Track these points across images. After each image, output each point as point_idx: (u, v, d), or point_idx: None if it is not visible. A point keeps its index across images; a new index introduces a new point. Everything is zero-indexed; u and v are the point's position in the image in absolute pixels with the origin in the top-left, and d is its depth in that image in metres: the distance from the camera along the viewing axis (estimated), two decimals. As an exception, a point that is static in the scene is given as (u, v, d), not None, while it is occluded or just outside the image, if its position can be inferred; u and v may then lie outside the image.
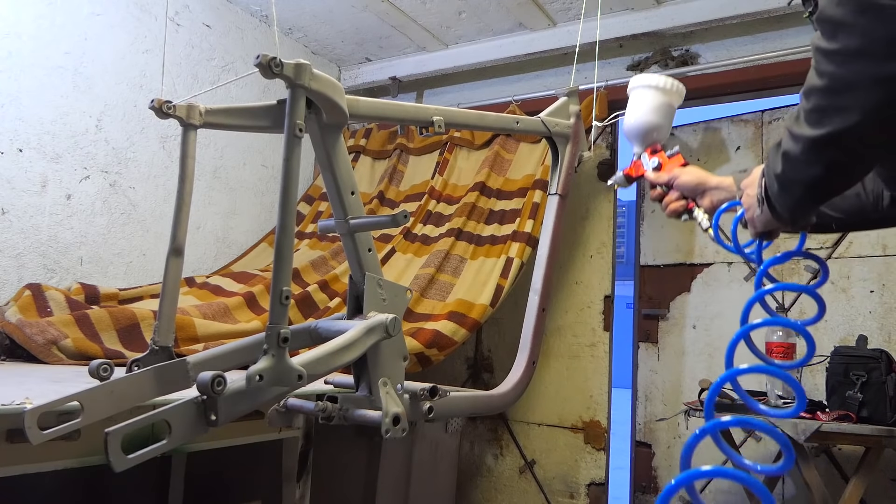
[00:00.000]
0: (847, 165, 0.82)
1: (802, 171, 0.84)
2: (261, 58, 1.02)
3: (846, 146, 0.79)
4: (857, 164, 0.83)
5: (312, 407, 1.16)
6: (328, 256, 2.90)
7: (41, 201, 2.35)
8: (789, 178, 0.87)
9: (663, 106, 1.36)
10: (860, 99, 0.74)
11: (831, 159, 0.81)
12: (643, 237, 3.16)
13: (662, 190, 1.30)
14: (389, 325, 1.15)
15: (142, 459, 0.89)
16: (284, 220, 1.02)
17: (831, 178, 0.84)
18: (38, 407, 0.98)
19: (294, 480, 1.91)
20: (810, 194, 0.88)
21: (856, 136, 0.77)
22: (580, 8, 2.66)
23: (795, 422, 1.97)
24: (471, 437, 3.11)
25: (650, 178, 1.34)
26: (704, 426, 0.69)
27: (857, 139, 0.77)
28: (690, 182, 1.25)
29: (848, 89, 0.74)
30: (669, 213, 1.28)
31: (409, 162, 3.26)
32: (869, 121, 0.75)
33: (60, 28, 2.41)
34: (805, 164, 0.83)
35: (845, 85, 0.75)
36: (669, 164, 1.32)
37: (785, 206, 0.92)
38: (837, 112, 0.76)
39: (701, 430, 0.68)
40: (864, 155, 0.82)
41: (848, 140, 0.78)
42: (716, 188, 1.21)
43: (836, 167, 0.82)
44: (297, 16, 3.05)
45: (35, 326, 1.94)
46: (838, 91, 0.75)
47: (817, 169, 0.82)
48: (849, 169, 0.83)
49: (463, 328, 2.37)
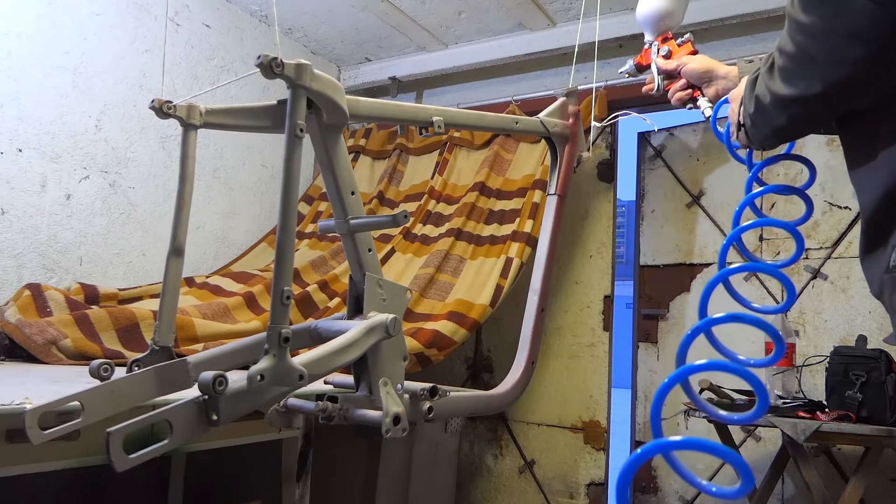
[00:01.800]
0: (809, 122, 0.90)
1: (770, 118, 0.90)
2: (262, 58, 1.02)
3: (809, 108, 0.84)
4: (819, 122, 0.92)
5: (312, 407, 1.16)
6: (328, 256, 2.90)
7: (41, 201, 2.35)
8: (758, 120, 0.92)
9: None
10: (821, 73, 0.79)
11: (796, 115, 0.86)
12: (643, 237, 3.16)
13: (666, 80, 1.29)
14: (389, 325, 1.15)
15: (143, 459, 0.89)
16: (285, 219, 1.02)
17: (795, 128, 0.91)
18: (38, 407, 0.98)
19: (294, 480, 1.91)
20: (777, 136, 0.94)
21: (817, 102, 0.82)
22: (580, 8, 2.66)
23: (795, 422, 1.97)
24: (470, 437, 3.11)
25: (658, 65, 1.32)
26: (675, 373, 0.69)
27: (818, 105, 0.83)
28: (697, 69, 1.24)
29: (811, 63, 0.79)
30: (675, 102, 1.27)
31: (408, 162, 3.26)
32: (829, 94, 0.80)
33: (60, 28, 2.41)
34: (772, 114, 0.89)
35: (809, 59, 0.79)
36: (679, 51, 1.30)
37: (756, 139, 0.97)
38: (802, 78, 0.81)
39: (671, 377, 0.68)
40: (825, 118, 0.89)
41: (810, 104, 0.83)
42: (723, 77, 1.20)
43: (799, 121, 0.88)
44: (296, 16, 3.05)
45: (35, 326, 1.93)
46: (803, 62, 0.80)
47: (782, 120, 0.88)
48: (811, 124, 0.92)
49: (462, 328, 2.37)
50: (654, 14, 1.34)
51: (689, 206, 3.02)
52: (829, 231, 2.63)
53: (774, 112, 0.87)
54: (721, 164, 2.96)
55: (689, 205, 3.02)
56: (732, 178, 2.92)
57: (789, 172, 2.74)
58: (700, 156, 3.03)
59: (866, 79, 0.77)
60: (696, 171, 3.02)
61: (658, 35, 1.33)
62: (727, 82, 1.19)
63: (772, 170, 2.80)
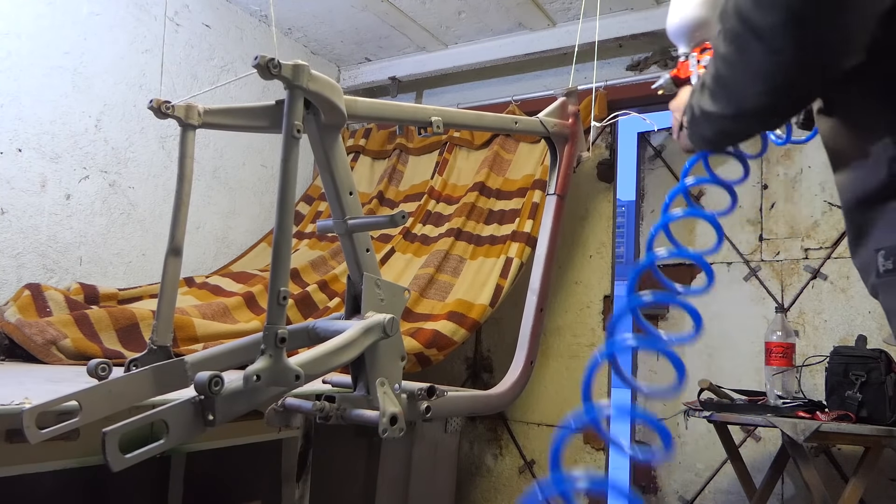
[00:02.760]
0: (732, 136, 0.97)
1: (700, 129, 0.95)
2: (259, 59, 1.02)
3: (728, 124, 0.89)
4: (741, 138, 0.97)
5: (310, 407, 1.16)
6: (328, 256, 2.90)
7: (40, 201, 2.35)
8: (692, 129, 0.98)
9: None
10: (734, 98, 0.84)
11: (718, 129, 0.92)
12: (643, 237, 3.16)
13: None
14: (387, 325, 1.16)
15: (139, 459, 0.89)
16: (282, 220, 1.02)
17: (721, 140, 0.98)
18: (36, 406, 0.98)
19: (293, 480, 1.91)
20: (708, 144, 1.02)
21: (733, 121, 0.88)
22: (579, 8, 2.66)
23: (795, 422, 1.97)
24: (470, 436, 3.11)
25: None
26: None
27: (735, 123, 0.89)
28: None
29: (726, 87, 0.84)
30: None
31: (408, 162, 3.26)
32: (742, 116, 0.85)
33: (60, 28, 2.41)
34: (702, 125, 0.94)
35: (724, 84, 0.84)
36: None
37: (693, 143, 1.04)
38: (720, 99, 0.86)
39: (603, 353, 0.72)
40: (746, 135, 0.94)
41: (728, 122, 0.88)
42: None
43: (723, 135, 0.95)
44: (296, 16, 3.05)
45: (34, 326, 1.94)
46: (722, 85, 0.84)
47: (709, 132, 0.94)
48: (735, 138, 0.98)
49: (462, 328, 2.37)
50: (687, 25, 1.25)
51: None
52: (828, 231, 2.63)
53: (703, 124, 0.93)
54: (720, 165, 2.96)
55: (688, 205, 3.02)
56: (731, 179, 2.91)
57: (789, 172, 2.74)
58: (700, 156, 3.03)
59: (771, 110, 0.83)
60: (695, 171, 3.02)
61: (694, 47, 1.27)
62: None
63: (771, 170, 2.80)
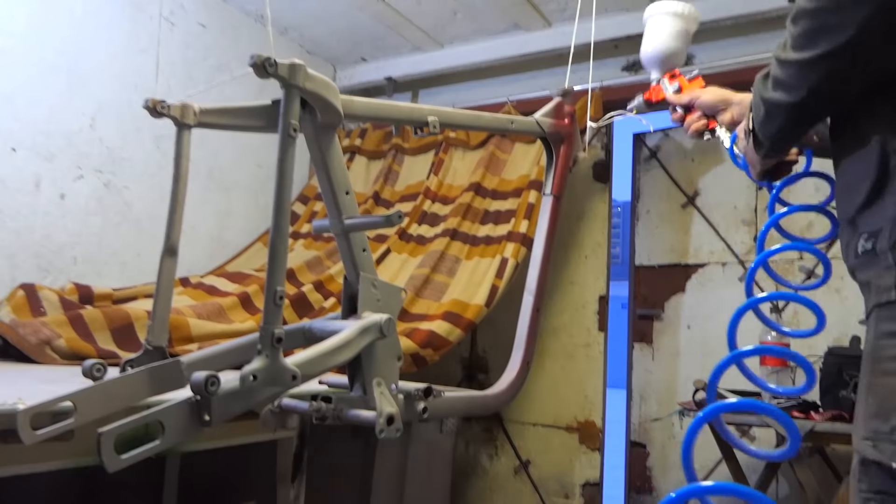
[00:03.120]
0: (832, 89, 0.86)
1: (788, 94, 0.87)
2: (255, 58, 1.02)
3: (834, 68, 0.82)
4: (844, 87, 0.85)
5: (306, 407, 1.16)
6: (323, 256, 2.89)
7: (35, 201, 2.34)
8: (774, 102, 0.90)
9: (681, 32, 1.41)
10: (851, 15, 0.76)
11: (816, 82, 0.84)
12: (638, 237, 3.16)
13: (682, 112, 1.33)
14: (384, 325, 1.15)
15: (135, 460, 0.88)
16: (278, 220, 1.02)
17: (815, 102, 0.88)
18: (30, 407, 0.97)
19: (289, 481, 1.91)
20: (793, 118, 0.92)
21: (846, 55, 0.80)
22: (575, 9, 2.66)
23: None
24: (466, 437, 3.10)
25: (671, 100, 1.36)
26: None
27: (847, 59, 0.80)
28: (712, 100, 1.26)
29: (839, 7, 0.77)
30: (692, 133, 1.30)
31: (404, 162, 3.26)
32: (861, 37, 0.77)
33: (54, 27, 2.40)
34: (790, 88, 0.87)
35: (836, 3, 0.78)
36: (690, 86, 1.35)
37: (767, 134, 0.96)
38: (827, 32, 0.79)
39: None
40: (851, 77, 0.83)
41: (836, 61, 0.81)
42: (737, 104, 1.22)
43: (820, 90, 0.85)
44: (292, 15, 3.05)
45: (28, 326, 1.93)
46: (829, 10, 0.78)
47: (801, 92, 0.86)
48: (834, 93, 0.86)
49: (458, 328, 2.37)
50: (660, 55, 1.42)
51: (685, 206, 3.02)
52: (823, 232, 2.63)
53: (793, 86, 0.87)
54: (716, 165, 2.97)
55: (684, 205, 3.03)
56: (727, 179, 2.92)
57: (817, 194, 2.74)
58: (695, 157, 3.04)
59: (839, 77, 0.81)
60: (691, 172, 3.03)
61: (665, 73, 1.40)
62: (741, 108, 1.20)
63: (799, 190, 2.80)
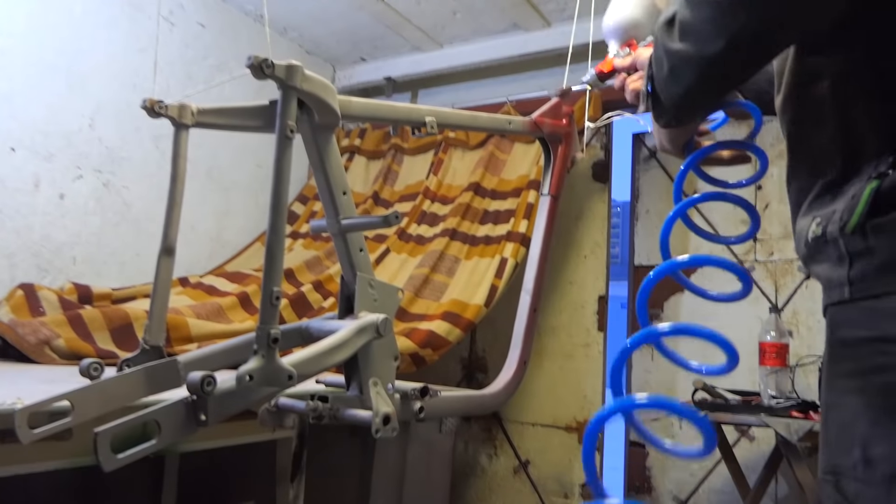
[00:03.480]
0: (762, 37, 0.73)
1: (700, 45, 0.75)
2: (252, 59, 1.02)
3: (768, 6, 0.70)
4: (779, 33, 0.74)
5: (303, 406, 1.16)
6: (322, 256, 2.90)
7: (34, 201, 2.35)
8: (681, 55, 0.78)
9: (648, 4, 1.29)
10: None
11: (738, 28, 0.71)
12: (637, 237, 3.16)
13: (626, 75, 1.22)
14: (380, 325, 1.15)
15: (131, 459, 0.88)
16: (275, 220, 1.02)
17: (736, 56, 0.75)
18: (28, 406, 0.97)
19: (288, 481, 1.91)
20: (706, 77, 0.79)
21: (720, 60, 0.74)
22: (574, 9, 2.66)
23: (788, 421, 1.97)
24: (465, 437, 3.11)
25: (616, 65, 1.25)
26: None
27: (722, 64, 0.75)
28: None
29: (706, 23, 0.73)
30: (630, 96, 1.16)
31: (403, 162, 3.26)
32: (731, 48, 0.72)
33: (53, 26, 2.40)
34: (704, 37, 0.74)
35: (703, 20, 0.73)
36: (640, 50, 1.22)
37: (671, 97, 0.85)
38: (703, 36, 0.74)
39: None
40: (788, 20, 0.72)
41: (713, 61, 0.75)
42: None
43: (744, 40, 0.72)
44: (291, 15, 3.05)
45: (27, 326, 1.93)
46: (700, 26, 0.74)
47: (719, 42, 0.73)
48: (765, 43, 0.74)
49: (457, 328, 2.37)
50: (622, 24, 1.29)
51: (684, 206, 3.02)
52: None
53: (711, 33, 0.74)
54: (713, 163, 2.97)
55: (683, 205, 3.03)
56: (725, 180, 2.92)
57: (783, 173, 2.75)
58: (694, 156, 3.03)
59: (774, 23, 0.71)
60: (690, 172, 3.02)
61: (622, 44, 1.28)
62: None
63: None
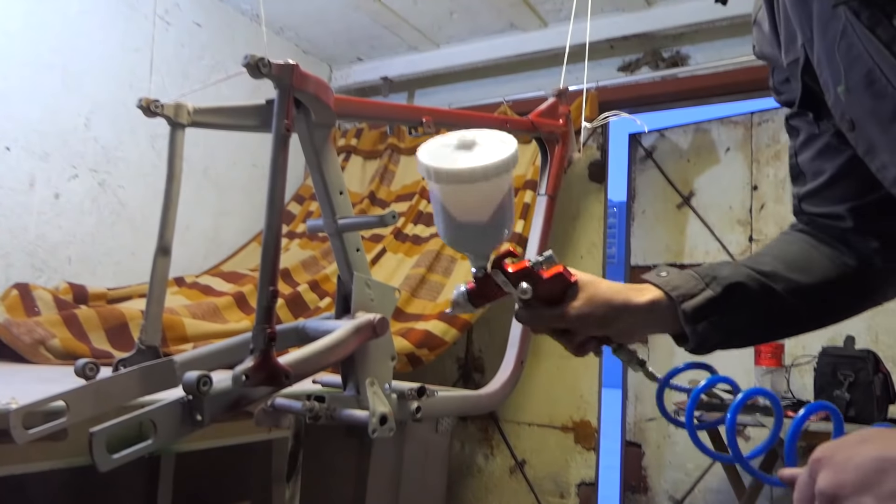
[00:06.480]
0: None
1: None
2: (248, 58, 1.02)
3: None
4: None
5: (300, 406, 1.15)
6: (319, 256, 2.89)
7: (29, 200, 2.34)
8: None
9: (491, 191, 0.79)
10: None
11: None
12: (633, 237, 3.17)
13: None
14: (377, 324, 1.15)
15: (127, 459, 0.88)
16: (271, 219, 1.01)
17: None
18: (22, 406, 0.97)
19: (284, 481, 1.91)
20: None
21: None
22: (571, 9, 2.67)
23: (784, 421, 1.98)
24: (461, 437, 3.11)
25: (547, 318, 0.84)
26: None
27: None
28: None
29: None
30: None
31: (400, 162, 3.25)
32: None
33: (49, 26, 2.40)
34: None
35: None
36: (547, 281, 0.82)
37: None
38: None
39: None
40: None
41: None
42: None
43: None
44: (288, 15, 3.05)
45: (22, 326, 1.92)
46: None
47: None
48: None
49: (453, 328, 2.37)
50: (474, 236, 0.83)
51: (680, 206, 3.03)
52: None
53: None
54: (711, 166, 2.98)
55: (679, 205, 3.03)
56: (722, 180, 2.93)
57: (779, 173, 2.76)
58: (690, 157, 3.04)
59: None
60: (686, 172, 3.03)
61: (494, 258, 0.83)
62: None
63: (761, 171, 2.82)
